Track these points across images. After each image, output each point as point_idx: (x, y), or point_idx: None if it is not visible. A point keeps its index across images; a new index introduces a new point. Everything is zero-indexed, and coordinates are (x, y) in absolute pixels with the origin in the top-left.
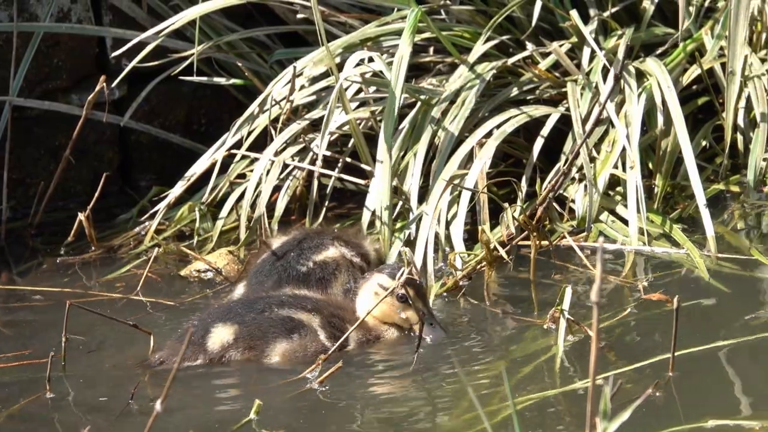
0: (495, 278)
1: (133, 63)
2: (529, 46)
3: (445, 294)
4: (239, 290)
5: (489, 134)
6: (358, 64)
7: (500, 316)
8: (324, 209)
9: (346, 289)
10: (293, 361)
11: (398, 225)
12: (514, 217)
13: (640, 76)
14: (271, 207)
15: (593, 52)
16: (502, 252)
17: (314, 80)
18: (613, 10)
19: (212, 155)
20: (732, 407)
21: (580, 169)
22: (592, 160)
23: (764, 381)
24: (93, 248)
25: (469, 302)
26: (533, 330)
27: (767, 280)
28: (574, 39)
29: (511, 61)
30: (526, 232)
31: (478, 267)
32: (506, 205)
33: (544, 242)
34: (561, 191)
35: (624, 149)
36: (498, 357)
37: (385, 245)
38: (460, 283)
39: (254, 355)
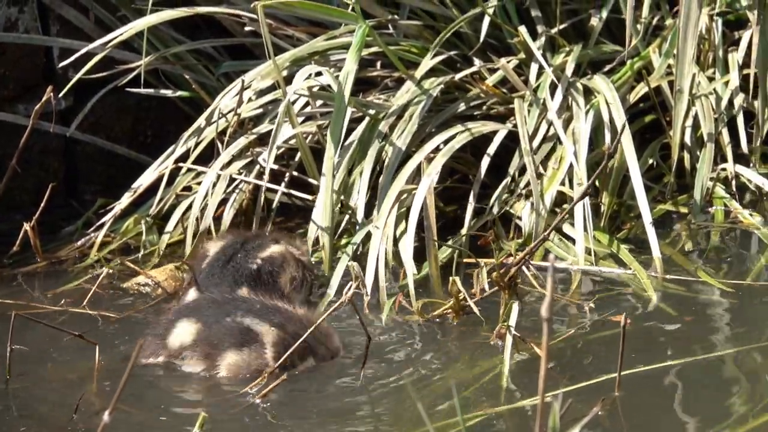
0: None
1: (80, 74)
2: (477, 61)
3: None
4: (191, 295)
5: (436, 149)
6: (306, 78)
7: (448, 333)
8: (270, 223)
9: (293, 278)
10: (239, 376)
11: (344, 240)
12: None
13: (588, 93)
14: (216, 220)
15: (541, 68)
16: (473, 305)
17: (261, 93)
18: (561, 27)
19: (159, 167)
20: (679, 428)
21: (527, 185)
22: (539, 176)
23: (710, 402)
24: (38, 260)
25: (418, 320)
26: (481, 347)
27: (714, 301)
28: (522, 55)
29: (458, 76)
30: (496, 287)
31: (445, 314)
32: (482, 262)
33: (491, 260)
34: (507, 208)
35: (571, 166)
36: (446, 373)
37: (326, 260)
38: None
39: (208, 365)
